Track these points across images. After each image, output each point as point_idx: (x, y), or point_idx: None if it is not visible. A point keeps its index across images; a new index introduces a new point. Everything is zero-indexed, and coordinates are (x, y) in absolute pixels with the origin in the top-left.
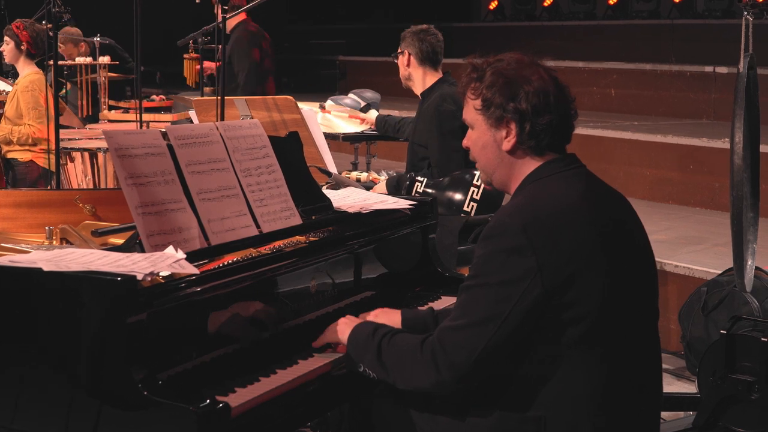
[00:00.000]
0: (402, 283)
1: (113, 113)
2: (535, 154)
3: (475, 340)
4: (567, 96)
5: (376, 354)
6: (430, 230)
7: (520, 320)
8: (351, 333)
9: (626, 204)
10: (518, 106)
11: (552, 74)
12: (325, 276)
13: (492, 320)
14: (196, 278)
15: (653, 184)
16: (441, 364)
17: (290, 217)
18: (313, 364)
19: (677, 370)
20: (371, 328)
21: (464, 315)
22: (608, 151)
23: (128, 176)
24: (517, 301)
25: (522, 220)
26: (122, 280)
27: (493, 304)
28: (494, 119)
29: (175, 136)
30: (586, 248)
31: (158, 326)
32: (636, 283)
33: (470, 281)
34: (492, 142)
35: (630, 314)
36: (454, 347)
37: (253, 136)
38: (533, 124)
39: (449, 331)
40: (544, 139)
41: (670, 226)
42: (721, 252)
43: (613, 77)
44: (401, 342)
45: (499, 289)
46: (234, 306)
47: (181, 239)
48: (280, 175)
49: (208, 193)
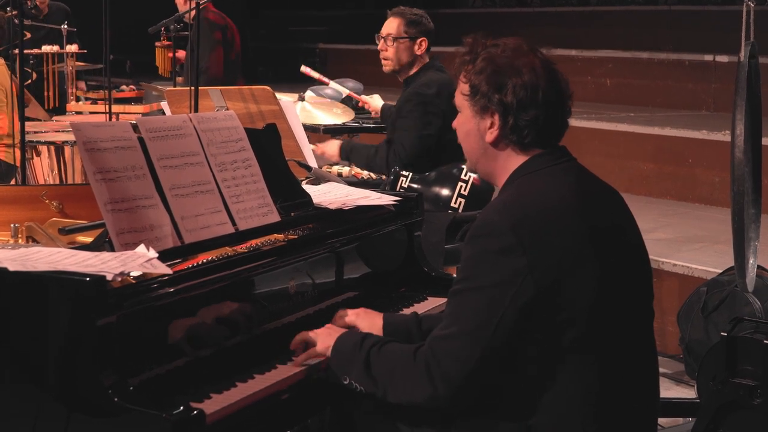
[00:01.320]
0: (386, 284)
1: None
2: (518, 148)
3: (470, 349)
4: (562, 92)
5: (364, 366)
6: (415, 227)
7: (513, 324)
8: (335, 343)
9: (619, 199)
10: (503, 98)
11: (549, 66)
12: (305, 276)
13: (485, 326)
14: (168, 278)
15: (650, 179)
16: (436, 377)
17: (268, 214)
18: (293, 368)
19: (676, 375)
20: (358, 339)
21: (456, 322)
22: (603, 144)
23: (97, 171)
24: (509, 304)
25: (510, 218)
26: (91, 280)
27: (485, 308)
28: (479, 107)
29: (146, 128)
30: (578, 246)
31: (129, 329)
32: (629, 282)
33: (458, 285)
34: (475, 131)
35: (623, 316)
36: (448, 358)
37: (228, 129)
38: (516, 118)
39: (442, 341)
40: (527, 135)
41: (668, 223)
42: (721, 250)
43: (608, 66)
44: (392, 353)
45: (489, 293)
46: (209, 308)
47: (152, 237)
48: (257, 170)
49: (181, 188)
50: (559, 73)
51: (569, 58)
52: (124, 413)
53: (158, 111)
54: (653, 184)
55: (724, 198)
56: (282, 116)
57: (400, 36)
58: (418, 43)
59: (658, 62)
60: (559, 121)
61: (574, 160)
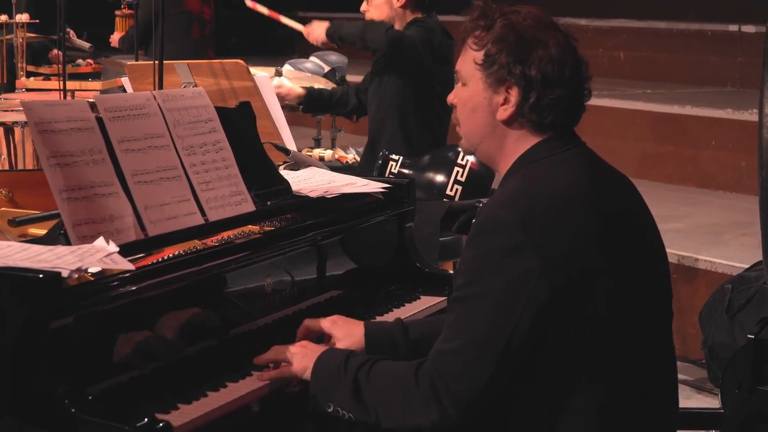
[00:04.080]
0: (374, 281)
1: (32, 81)
2: (534, 130)
3: (481, 364)
4: (583, 73)
5: (351, 391)
6: (407, 218)
7: (528, 332)
8: (315, 365)
9: (632, 188)
10: (527, 71)
11: (572, 44)
12: (283, 273)
13: (497, 336)
14: (131, 275)
15: (669, 163)
16: (444, 398)
17: (241, 203)
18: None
19: (697, 382)
20: (341, 358)
21: (461, 334)
22: (616, 125)
23: (51, 155)
24: (522, 310)
25: (517, 213)
26: (45, 277)
27: (495, 316)
28: (494, 80)
29: (105, 107)
30: (592, 242)
31: (87, 331)
32: (646, 280)
33: (462, 291)
34: (485, 106)
35: (639, 317)
36: (456, 376)
37: (197, 107)
38: (540, 96)
39: (447, 357)
40: (548, 116)
41: (688, 212)
42: (748, 243)
43: (622, 37)
44: (385, 374)
45: (499, 298)
46: (176, 308)
47: (113, 229)
48: (229, 154)
49: (144, 174)
50: (580, 53)
51: (578, 27)
52: (82, 425)
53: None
54: (672, 169)
55: (752, 184)
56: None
57: None
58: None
59: (678, 33)
60: (580, 104)
61: (584, 145)
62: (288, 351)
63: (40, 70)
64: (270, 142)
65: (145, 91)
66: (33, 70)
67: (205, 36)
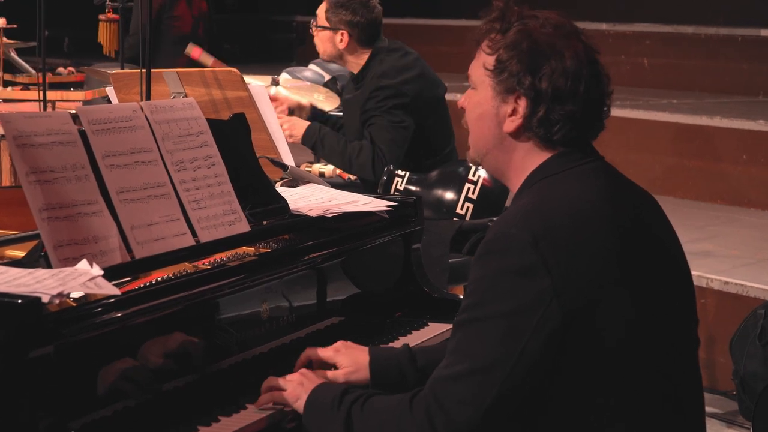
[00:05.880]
0: (378, 307)
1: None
2: (542, 144)
3: (482, 391)
4: (604, 88)
5: (344, 425)
6: (414, 238)
7: (536, 359)
8: (309, 397)
9: (655, 206)
10: (537, 83)
11: (593, 56)
12: (280, 298)
13: (501, 363)
14: (116, 301)
15: (696, 179)
16: (440, 427)
17: (235, 223)
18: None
19: (728, 415)
20: (336, 393)
21: (464, 359)
22: (639, 137)
23: (30, 171)
24: (531, 335)
25: (531, 231)
26: (23, 303)
27: (501, 341)
28: (503, 88)
29: (88, 119)
30: (611, 263)
31: (69, 361)
32: (670, 304)
33: (467, 313)
34: (492, 115)
35: (663, 345)
36: (454, 403)
37: (187, 120)
38: (549, 110)
39: (446, 382)
40: (557, 132)
41: (718, 232)
42: None
43: (645, 43)
44: (380, 406)
45: (507, 322)
46: (165, 336)
47: (97, 251)
48: (222, 169)
49: (131, 192)
50: (601, 66)
51: (599, 33)
52: None
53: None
54: (699, 186)
55: None
56: (251, 104)
57: (320, 25)
58: (339, 35)
59: (706, 38)
60: (597, 122)
61: (602, 159)
62: (284, 378)
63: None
64: (266, 157)
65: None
66: (10, 79)
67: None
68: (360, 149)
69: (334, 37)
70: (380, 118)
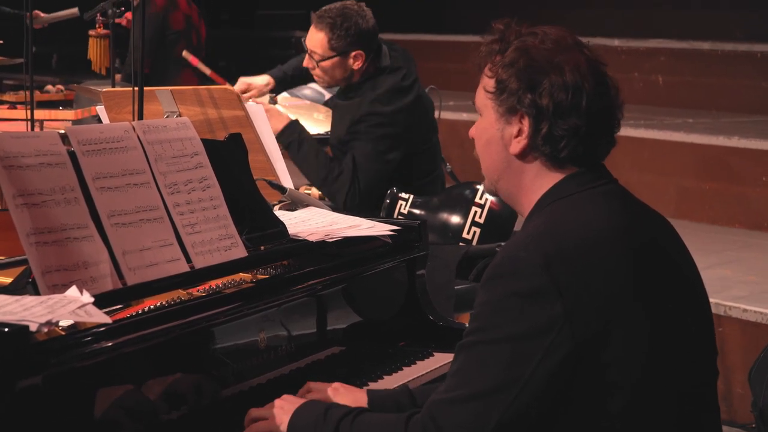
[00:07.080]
0: (381, 336)
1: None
2: (550, 164)
3: (484, 417)
4: (611, 100)
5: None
6: (418, 264)
7: (544, 387)
8: (291, 420)
9: (670, 230)
10: (537, 99)
11: (597, 68)
12: (278, 327)
13: (506, 388)
14: (107, 329)
15: (713, 201)
16: None
17: (231, 248)
18: None
19: None
20: (320, 409)
21: (466, 383)
22: (654, 158)
23: (17, 194)
24: (540, 362)
25: (543, 253)
26: (10, 332)
27: (507, 366)
28: (505, 109)
29: (78, 140)
30: (625, 289)
31: (58, 392)
32: (687, 333)
33: (472, 337)
34: (498, 139)
35: (680, 376)
36: (453, 427)
37: (181, 140)
38: (552, 126)
39: (446, 406)
40: (563, 149)
41: (737, 257)
42: None
43: (660, 60)
44: (373, 423)
45: (514, 346)
46: (158, 366)
47: (87, 277)
48: (217, 192)
49: (122, 215)
50: (609, 77)
51: (610, 49)
52: None
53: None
54: (717, 209)
55: None
56: (248, 124)
57: (326, 56)
58: (352, 57)
59: (724, 55)
60: (605, 137)
61: (616, 181)
62: (264, 407)
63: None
64: (264, 179)
65: (122, 121)
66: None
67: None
68: (340, 173)
69: (345, 62)
70: (366, 144)
